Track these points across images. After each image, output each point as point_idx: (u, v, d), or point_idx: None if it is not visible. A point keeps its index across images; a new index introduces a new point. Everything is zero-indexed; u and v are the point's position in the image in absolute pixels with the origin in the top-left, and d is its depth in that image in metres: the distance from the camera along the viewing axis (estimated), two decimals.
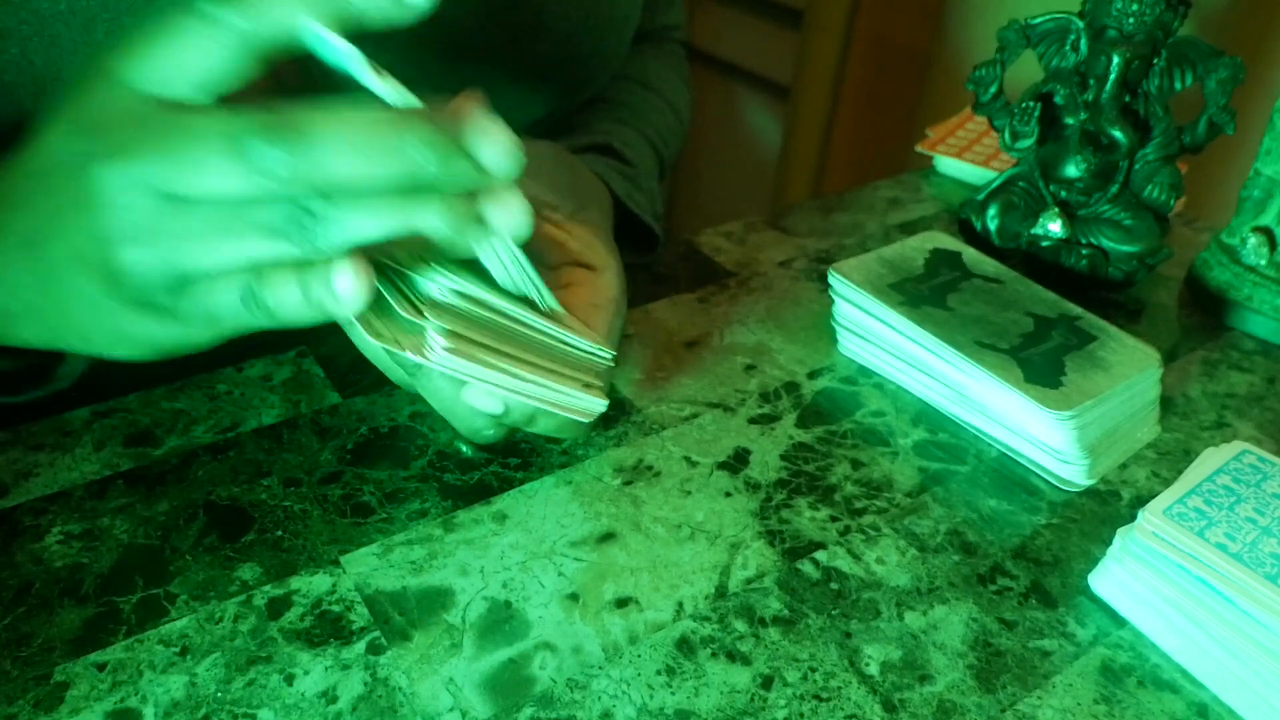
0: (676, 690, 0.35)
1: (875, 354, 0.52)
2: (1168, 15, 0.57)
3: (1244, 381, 0.55)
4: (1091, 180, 0.60)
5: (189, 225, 0.29)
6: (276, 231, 0.29)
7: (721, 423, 0.48)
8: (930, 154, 0.76)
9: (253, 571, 0.38)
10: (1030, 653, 0.38)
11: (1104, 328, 0.51)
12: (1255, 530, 0.38)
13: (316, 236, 0.29)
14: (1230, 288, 0.60)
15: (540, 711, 0.34)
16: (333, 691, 0.34)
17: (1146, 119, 0.59)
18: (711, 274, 0.60)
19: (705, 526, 0.42)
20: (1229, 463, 0.42)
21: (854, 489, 0.45)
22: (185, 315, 0.32)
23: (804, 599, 0.39)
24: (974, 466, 0.47)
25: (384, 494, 0.42)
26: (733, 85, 1.64)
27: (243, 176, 0.28)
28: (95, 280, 0.31)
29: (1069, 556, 0.42)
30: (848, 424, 0.49)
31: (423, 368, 0.37)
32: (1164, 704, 0.37)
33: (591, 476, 0.44)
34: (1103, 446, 0.47)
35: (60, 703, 0.33)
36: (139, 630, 0.35)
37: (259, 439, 0.44)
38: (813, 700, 0.35)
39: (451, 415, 0.40)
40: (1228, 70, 0.57)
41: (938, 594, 0.40)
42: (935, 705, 0.35)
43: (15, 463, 0.42)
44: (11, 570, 0.37)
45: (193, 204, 0.29)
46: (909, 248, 0.56)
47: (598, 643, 0.37)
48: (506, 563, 0.39)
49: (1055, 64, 0.61)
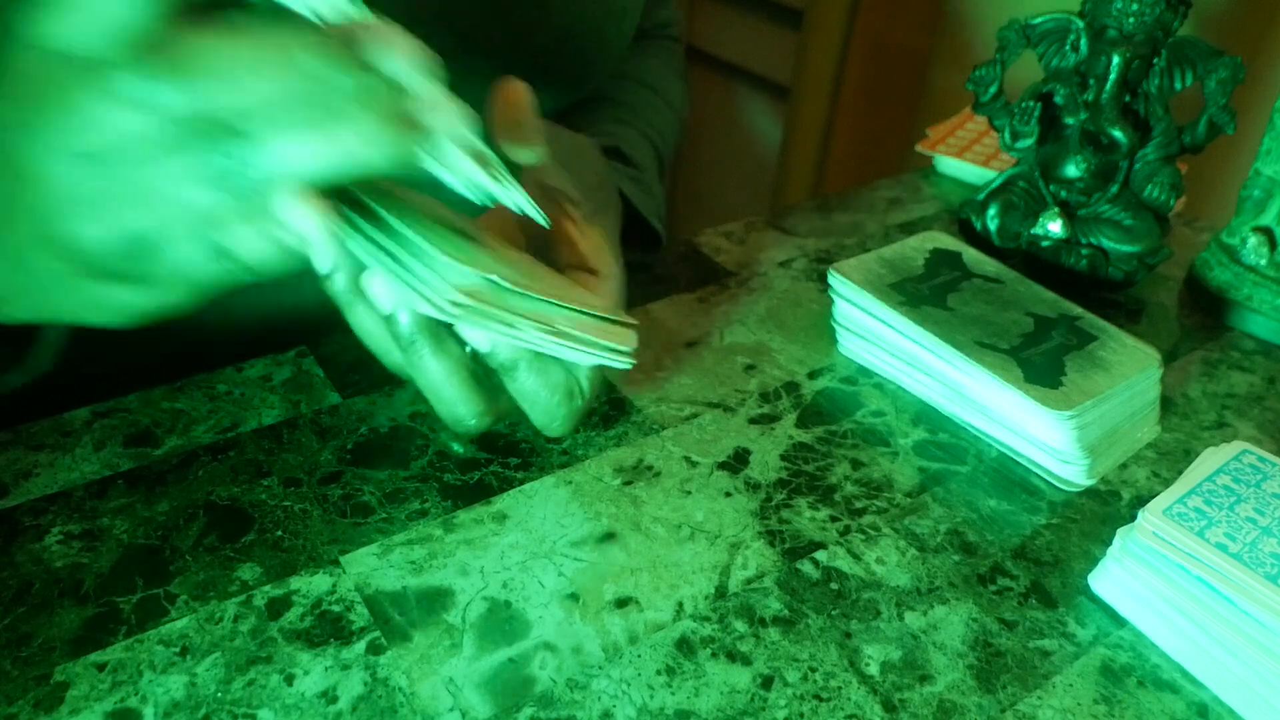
0: (676, 690, 0.35)
1: (875, 354, 0.52)
2: (1168, 15, 0.57)
3: (1244, 381, 0.55)
4: (1091, 180, 0.60)
5: (118, 187, 0.28)
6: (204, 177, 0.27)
7: (721, 423, 0.48)
8: (930, 154, 0.76)
9: (253, 571, 0.38)
10: (1030, 653, 0.38)
11: (1104, 328, 0.51)
12: (1255, 530, 0.38)
13: (247, 176, 0.27)
14: (1230, 288, 0.60)
15: (540, 711, 0.34)
16: (333, 691, 0.34)
17: (1146, 119, 0.59)
18: (711, 274, 0.60)
19: (705, 526, 0.42)
20: (1229, 463, 0.42)
21: (854, 489, 0.45)
22: (156, 279, 0.30)
23: (804, 599, 0.39)
24: (974, 466, 0.47)
25: (384, 494, 0.42)
26: (733, 85, 1.64)
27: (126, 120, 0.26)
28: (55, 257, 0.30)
29: (1069, 556, 0.42)
30: (848, 424, 0.49)
31: (415, 346, 0.36)
32: (1164, 704, 0.37)
33: (591, 476, 0.44)
34: (1103, 446, 0.47)
35: (60, 703, 0.33)
36: (139, 630, 0.35)
37: (259, 439, 0.44)
38: (813, 700, 0.35)
39: (437, 401, 0.38)
40: (1228, 70, 0.57)
41: (938, 594, 0.40)
42: (935, 705, 0.35)
43: (15, 463, 0.42)
44: (11, 570, 0.37)
45: (111, 162, 0.27)
46: (909, 248, 0.56)
47: (598, 643, 0.37)
48: (506, 563, 0.39)
49: (1055, 64, 0.61)
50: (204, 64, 0.27)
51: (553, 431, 0.40)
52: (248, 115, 0.27)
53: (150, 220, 0.28)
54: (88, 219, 0.29)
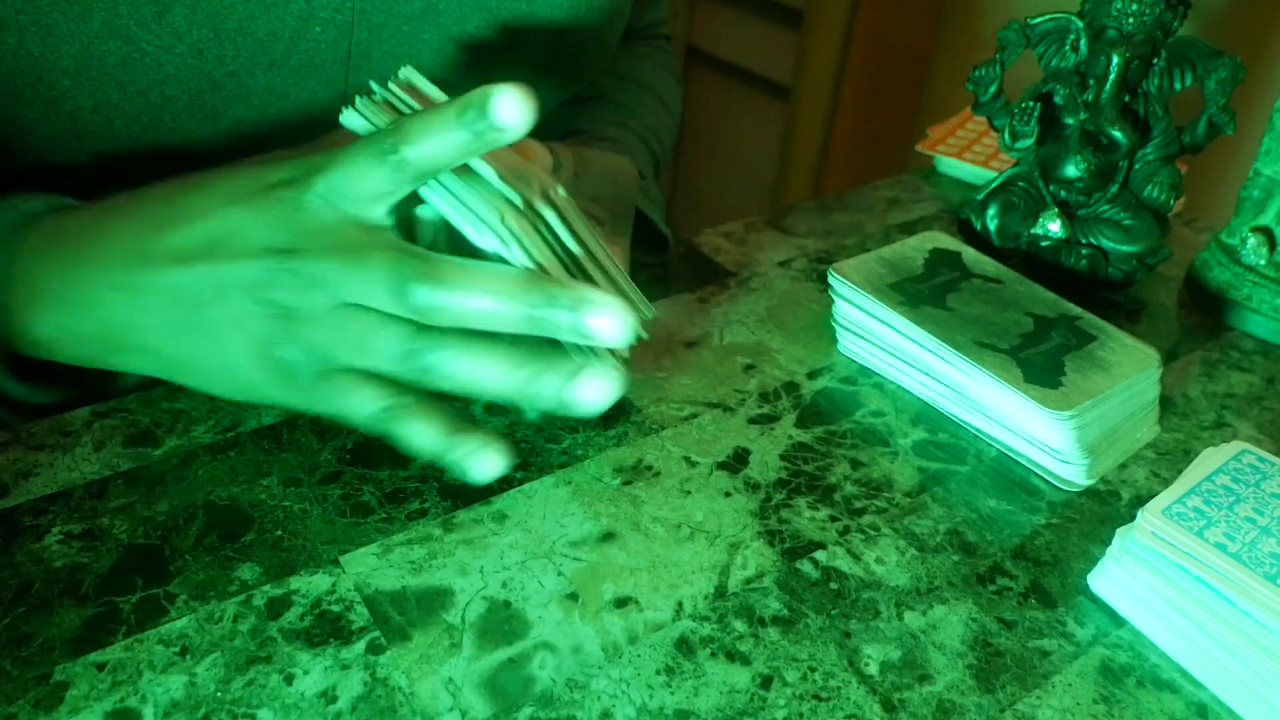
0: (676, 690, 0.35)
1: (875, 354, 0.52)
2: (1167, 15, 0.57)
3: (1244, 381, 0.55)
4: (1091, 180, 0.60)
5: (345, 332, 0.36)
6: (395, 356, 0.36)
7: (721, 423, 0.48)
8: (930, 154, 0.76)
9: (252, 571, 0.38)
10: (1030, 653, 0.38)
11: (1104, 328, 0.51)
12: (1254, 530, 0.38)
13: (426, 367, 0.36)
14: (1230, 288, 0.60)
15: (540, 711, 0.34)
16: (332, 691, 0.34)
17: (1146, 119, 0.59)
18: (711, 274, 0.60)
19: (705, 526, 0.42)
20: (1228, 462, 0.42)
21: (854, 489, 0.45)
22: (317, 396, 0.38)
23: (803, 599, 0.39)
24: (974, 466, 0.47)
25: (384, 494, 0.42)
26: (733, 85, 1.64)
27: (395, 307, 0.36)
28: (249, 346, 0.37)
29: (1068, 556, 0.42)
30: (847, 424, 0.49)
31: None
32: (1163, 704, 0.37)
33: (591, 476, 0.44)
34: (1102, 446, 0.47)
35: (60, 703, 0.33)
36: (139, 630, 0.35)
37: (259, 439, 0.44)
38: (812, 700, 0.35)
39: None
40: (1227, 70, 0.57)
41: (937, 594, 0.40)
42: (935, 705, 0.36)
43: (15, 463, 0.42)
44: (11, 570, 0.37)
45: (354, 315, 0.36)
46: (909, 248, 0.56)
47: (597, 643, 0.37)
48: (506, 563, 0.39)
49: (1055, 64, 0.61)
50: (464, 282, 0.36)
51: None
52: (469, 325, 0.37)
53: (349, 363, 0.37)
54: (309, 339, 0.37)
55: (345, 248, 0.36)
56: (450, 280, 0.35)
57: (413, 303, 0.35)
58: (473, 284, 0.35)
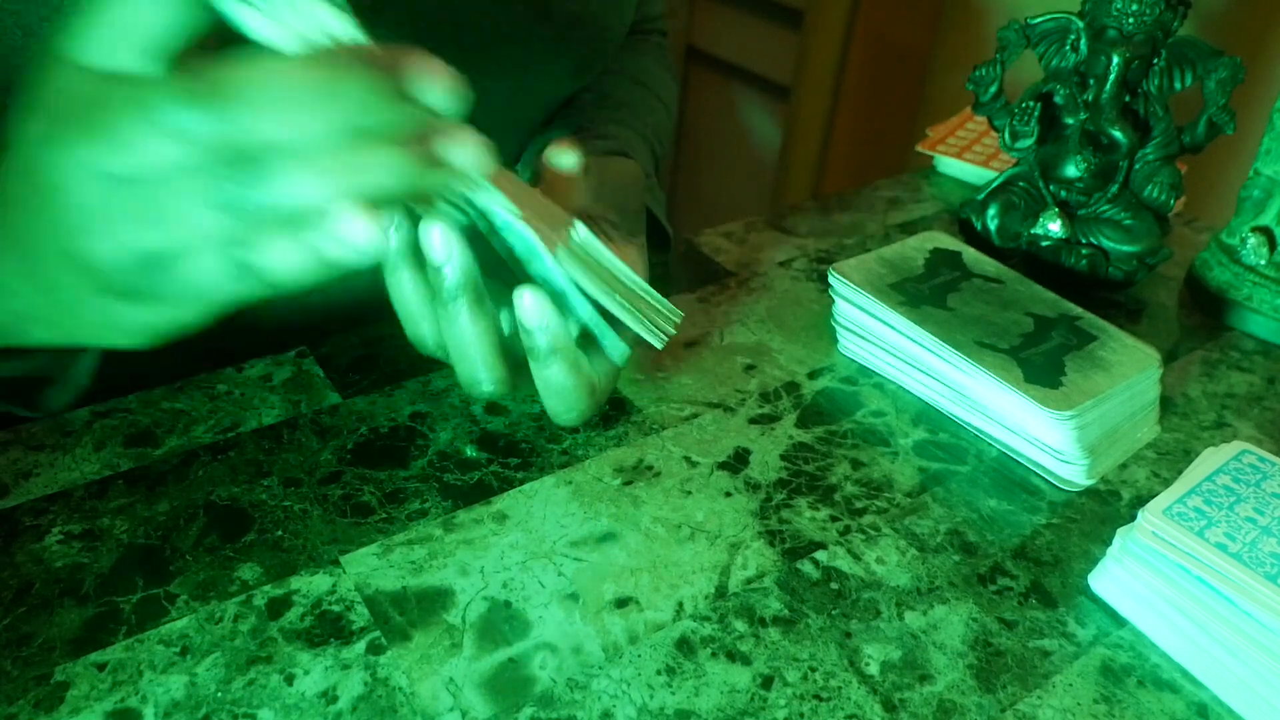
0: (676, 690, 0.35)
1: (875, 354, 0.52)
2: (1167, 15, 0.57)
3: (1244, 381, 0.55)
4: (1091, 180, 0.60)
5: (133, 207, 0.28)
6: (214, 203, 0.27)
7: (721, 423, 0.48)
8: (930, 154, 0.76)
9: (253, 571, 0.38)
10: (1030, 652, 0.38)
11: (1104, 328, 0.51)
12: (1255, 530, 0.38)
13: (261, 203, 0.27)
14: (1230, 288, 0.60)
15: (540, 711, 0.34)
16: (333, 691, 0.34)
17: (1146, 119, 0.59)
18: (711, 274, 0.60)
19: (705, 526, 0.42)
20: (1229, 462, 0.42)
21: (854, 489, 0.45)
22: (171, 297, 0.30)
23: (804, 599, 0.39)
24: (974, 466, 0.47)
25: (384, 494, 0.42)
26: (733, 85, 1.64)
27: (163, 146, 0.27)
28: (74, 273, 0.30)
29: (1069, 556, 0.42)
30: (848, 424, 0.49)
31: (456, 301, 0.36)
32: (1164, 704, 0.37)
33: (591, 476, 0.44)
34: (1103, 446, 0.47)
35: (60, 703, 0.33)
36: (139, 630, 0.35)
37: (259, 439, 0.44)
38: (813, 700, 0.35)
39: (461, 359, 0.38)
40: (1227, 70, 0.57)
41: (938, 594, 0.40)
42: (935, 705, 0.35)
43: (15, 463, 0.42)
44: (12, 570, 0.37)
45: (134, 182, 0.27)
46: (909, 248, 0.56)
47: (598, 643, 0.37)
48: (506, 563, 0.39)
49: (1055, 64, 0.61)
50: (248, 95, 0.26)
51: (565, 421, 0.40)
52: (279, 149, 0.27)
53: (161, 239, 0.28)
54: (102, 236, 0.28)
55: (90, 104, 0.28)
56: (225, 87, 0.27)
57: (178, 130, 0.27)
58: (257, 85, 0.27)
